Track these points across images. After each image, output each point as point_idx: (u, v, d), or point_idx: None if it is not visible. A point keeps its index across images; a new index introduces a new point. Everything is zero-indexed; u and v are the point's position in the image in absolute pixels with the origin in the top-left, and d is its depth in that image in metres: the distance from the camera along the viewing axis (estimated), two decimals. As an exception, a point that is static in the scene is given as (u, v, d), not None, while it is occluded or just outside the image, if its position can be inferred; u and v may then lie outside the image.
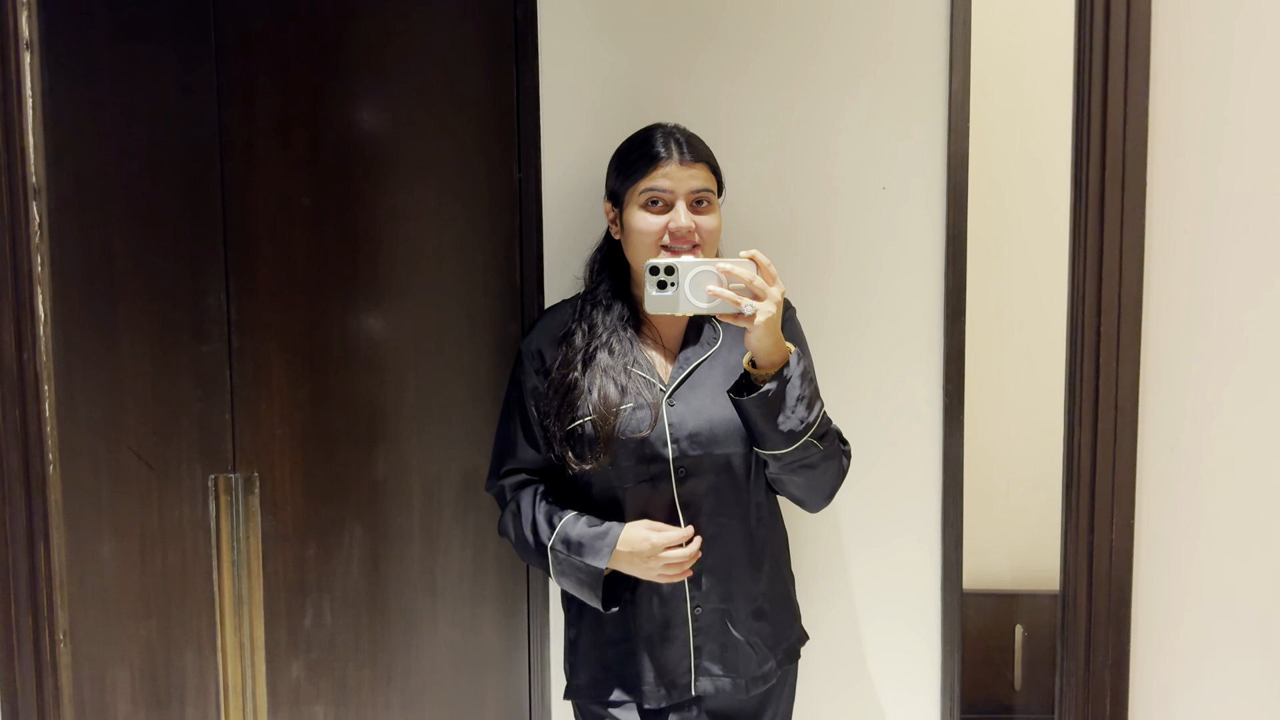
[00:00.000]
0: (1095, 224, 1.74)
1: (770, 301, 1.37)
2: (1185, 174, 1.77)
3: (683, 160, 1.52)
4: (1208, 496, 1.81)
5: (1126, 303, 1.75)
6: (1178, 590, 1.84)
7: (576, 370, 1.55)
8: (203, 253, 1.84)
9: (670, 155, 1.52)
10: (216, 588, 1.89)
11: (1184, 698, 1.85)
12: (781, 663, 1.63)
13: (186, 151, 1.83)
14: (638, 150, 1.55)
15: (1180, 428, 1.80)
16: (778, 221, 1.85)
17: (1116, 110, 1.73)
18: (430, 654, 1.93)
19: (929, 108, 1.83)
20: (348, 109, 1.84)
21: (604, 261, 1.64)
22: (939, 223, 1.84)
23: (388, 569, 1.91)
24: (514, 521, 1.61)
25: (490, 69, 1.85)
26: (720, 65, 1.83)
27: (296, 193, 1.84)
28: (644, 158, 1.53)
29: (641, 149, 1.55)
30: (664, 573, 1.50)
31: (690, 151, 1.54)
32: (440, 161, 1.86)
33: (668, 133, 1.56)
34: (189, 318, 1.85)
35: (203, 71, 1.82)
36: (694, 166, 1.53)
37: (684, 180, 1.52)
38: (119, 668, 1.90)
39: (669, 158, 1.52)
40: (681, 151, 1.53)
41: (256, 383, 1.87)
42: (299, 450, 1.88)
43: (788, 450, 1.45)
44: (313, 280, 1.86)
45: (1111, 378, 1.75)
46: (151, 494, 1.87)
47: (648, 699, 1.55)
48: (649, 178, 1.52)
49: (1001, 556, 2.82)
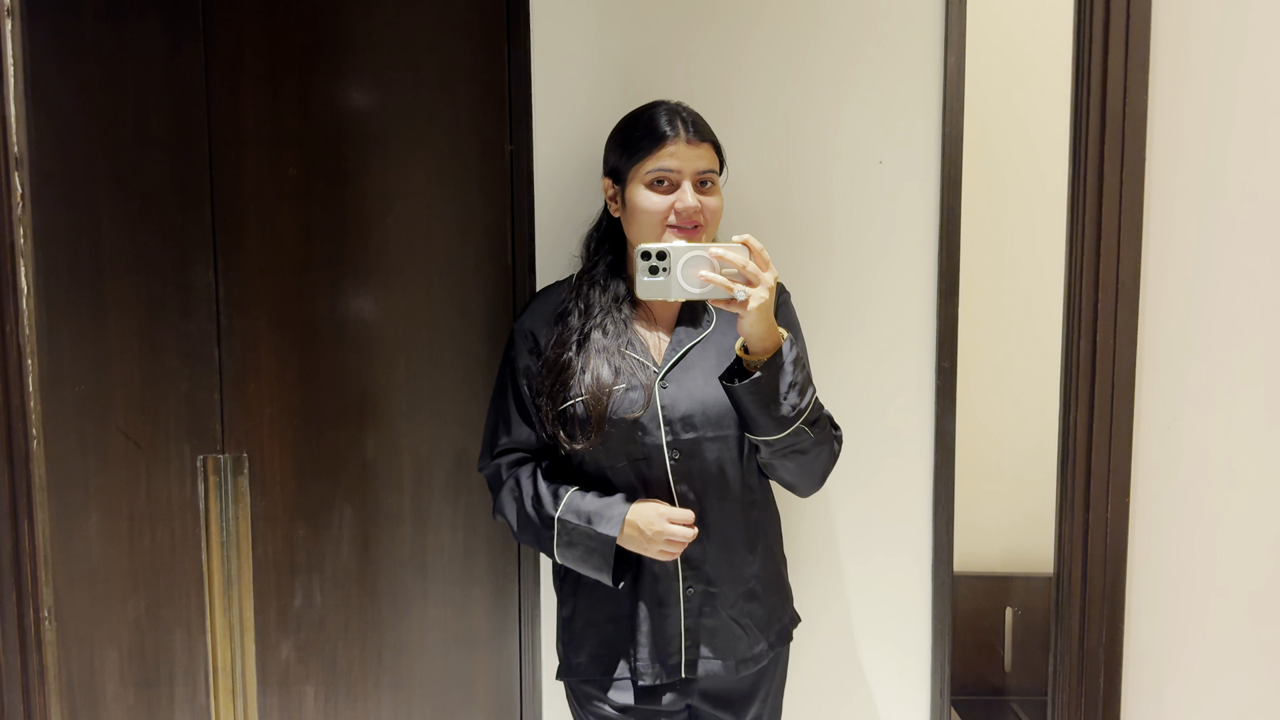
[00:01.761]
0: (1093, 203, 1.73)
1: (763, 287, 1.36)
2: (1185, 153, 1.76)
3: (690, 139, 1.50)
4: (1204, 476, 1.81)
5: (1124, 281, 1.74)
6: (1172, 570, 1.84)
7: (571, 350, 1.54)
8: (191, 228, 1.82)
9: (678, 134, 1.50)
10: (205, 568, 1.88)
11: (1177, 677, 1.85)
12: (774, 645, 1.63)
13: (174, 125, 1.80)
14: (643, 127, 1.52)
15: (1176, 408, 1.80)
16: (771, 202, 1.83)
17: (1116, 87, 1.72)
18: (420, 634, 1.92)
19: (924, 87, 1.82)
20: (337, 84, 1.82)
21: (601, 239, 1.62)
22: (933, 202, 1.83)
23: (378, 549, 1.90)
24: (513, 498, 1.60)
25: (481, 44, 1.83)
26: (716, 42, 1.81)
27: (285, 169, 1.82)
28: (649, 136, 1.50)
29: (647, 126, 1.52)
30: (664, 549, 1.49)
31: (697, 131, 1.52)
32: (431, 138, 1.84)
33: (673, 110, 1.53)
34: (176, 294, 1.83)
35: (190, 44, 1.79)
36: (700, 146, 1.51)
37: (691, 160, 1.50)
38: (107, 647, 1.89)
39: (676, 136, 1.50)
40: (689, 130, 1.51)
41: (245, 361, 1.85)
42: (288, 430, 1.87)
43: (779, 436, 1.45)
44: (302, 258, 1.84)
45: (1108, 356, 1.75)
46: (139, 473, 1.86)
47: (642, 675, 1.55)
48: (655, 156, 1.49)
49: (992, 539, 2.82)
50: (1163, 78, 1.74)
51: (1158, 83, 1.74)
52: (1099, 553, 1.79)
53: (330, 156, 1.83)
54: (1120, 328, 1.74)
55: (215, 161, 1.82)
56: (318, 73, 1.81)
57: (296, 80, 1.81)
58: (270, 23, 1.80)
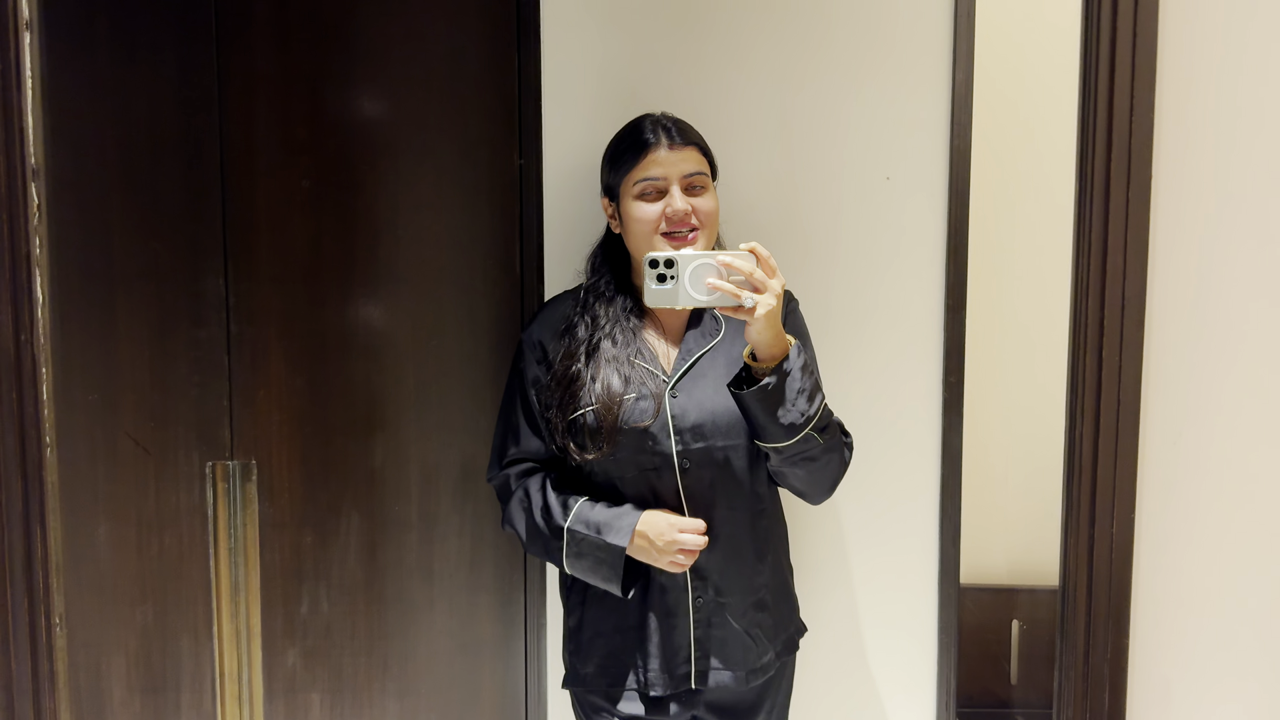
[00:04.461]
0: (1100, 217, 1.73)
1: (770, 294, 1.36)
2: (1191, 168, 1.77)
3: (671, 145, 1.52)
4: (1209, 491, 1.81)
5: (1130, 296, 1.75)
6: (1178, 585, 1.84)
7: (580, 361, 1.55)
8: (202, 237, 1.83)
9: (659, 141, 1.52)
10: (213, 574, 1.89)
11: (1183, 692, 1.85)
12: (780, 654, 1.63)
13: (186, 135, 1.82)
14: (626, 142, 1.55)
15: (1183, 422, 1.80)
16: (779, 213, 1.84)
17: (1123, 103, 1.73)
18: (427, 642, 1.92)
19: (932, 100, 1.83)
20: (348, 94, 1.83)
21: (605, 255, 1.63)
22: (941, 215, 1.84)
23: (385, 557, 1.90)
24: (522, 508, 1.60)
25: (491, 55, 1.84)
26: (723, 55, 1.82)
27: (296, 178, 1.83)
28: (633, 148, 1.53)
29: (630, 139, 1.55)
30: (675, 559, 1.49)
31: (679, 136, 1.54)
32: (440, 148, 1.85)
33: (655, 120, 1.56)
34: (187, 303, 1.84)
35: (203, 54, 1.80)
36: (684, 150, 1.53)
37: (675, 165, 1.52)
38: (115, 653, 1.89)
39: (658, 144, 1.52)
40: (670, 137, 1.53)
41: (254, 369, 1.86)
42: (296, 437, 1.87)
43: (788, 443, 1.45)
44: (312, 267, 1.85)
45: (1114, 371, 1.75)
46: (149, 480, 1.86)
47: (652, 686, 1.55)
48: (640, 167, 1.52)
49: (999, 552, 2.82)
50: (1169, 93, 1.75)
51: (1164, 98, 1.75)
52: (1104, 567, 1.79)
53: (341, 166, 1.84)
54: (1126, 343, 1.74)
55: (227, 170, 1.83)
56: (329, 83, 1.83)
57: (308, 90, 1.83)
58: (283, 32, 1.81)
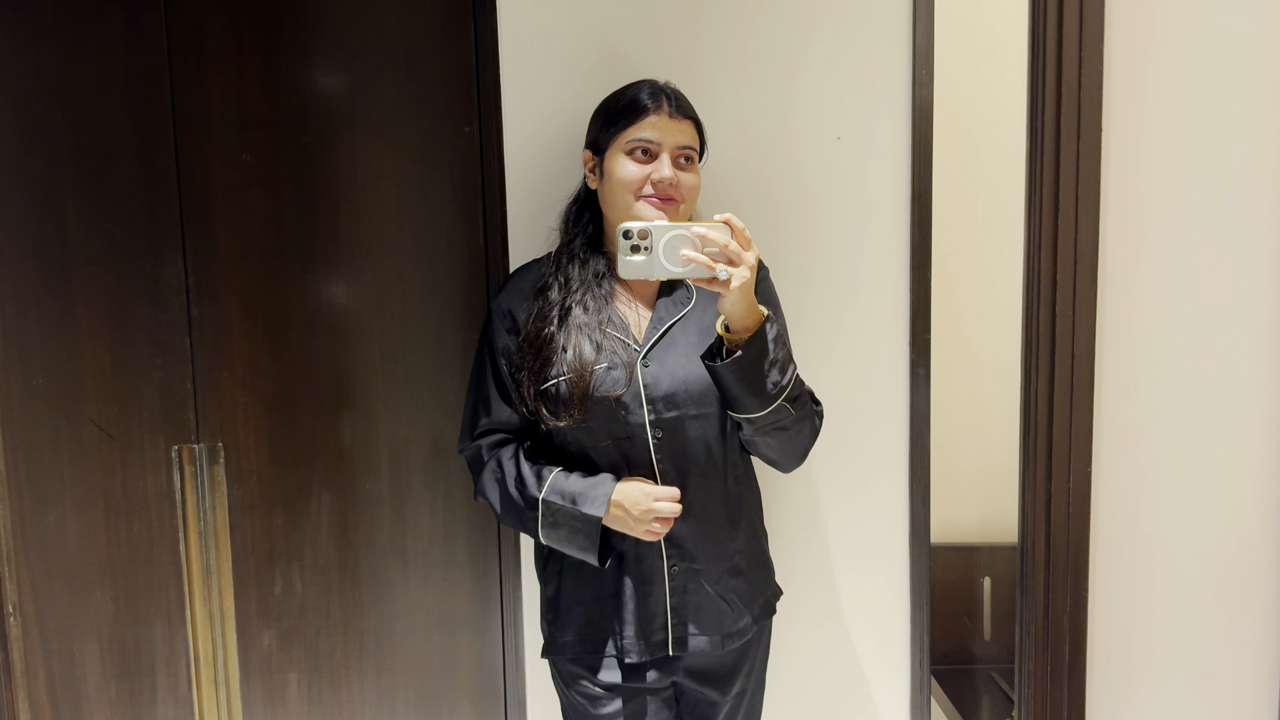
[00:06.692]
0: (1051, 171, 1.74)
1: (745, 266, 1.36)
2: (1143, 121, 1.78)
3: (672, 114, 1.52)
4: (1166, 443, 1.84)
5: (1082, 249, 1.75)
6: (1135, 537, 1.87)
7: (552, 325, 1.54)
8: (158, 216, 1.80)
9: (660, 107, 1.52)
10: (184, 558, 1.87)
11: (1142, 642, 1.88)
12: (757, 618, 1.64)
13: (137, 111, 1.78)
14: (627, 100, 1.54)
15: (1139, 374, 1.81)
16: (744, 178, 1.83)
17: (1071, 55, 1.72)
18: (403, 619, 1.92)
19: (893, 59, 1.82)
20: (302, 67, 1.80)
21: (580, 212, 1.62)
22: (904, 174, 1.84)
23: (357, 535, 1.89)
24: (495, 480, 1.60)
25: (447, 22, 1.81)
26: (685, 16, 1.80)
27: (251, 155, 1.80)
28: (632, 107, 1.53)
29: (631, 99, 1.54)
30: (650, 529, 1.50)
31: (679, 107, 1.54)
32: (399, 119, 1.82)
33: (659, 87, 1.55)
34: (146, 285, 1.81)
35: (152, 30, 1.76)
36: (682, 121, 1.53)
37: (672, 134, 1.52)
38: (87, 641, 1.88)
39: (659, 109, 1.52)
40: (672, 105, 1.53)
41: (217, 350, 1.83)
42: (263, 418, 1.85)
43: (761, 414, 1.45)
44: (271, 244, 1.82)
45: (1068, 325, 1.76)
46: (114, 465, 1.84)
47: (628, 653, 1.56)
48: (637, 126, 1.52)
49: (969, 510, 2.85)
50: (1120, 44, 1.75)
51: (1113, 51, 1.75)
52: (1062, 521, 1.81)
53: (297, 140, 1.81)
54: (1079, 296, 1.75)
55: (180, 147, 1.79)
56: (282, 54, 1.79)
57: (260, 62, 1.79)
58: (232, 5, 1.77)
